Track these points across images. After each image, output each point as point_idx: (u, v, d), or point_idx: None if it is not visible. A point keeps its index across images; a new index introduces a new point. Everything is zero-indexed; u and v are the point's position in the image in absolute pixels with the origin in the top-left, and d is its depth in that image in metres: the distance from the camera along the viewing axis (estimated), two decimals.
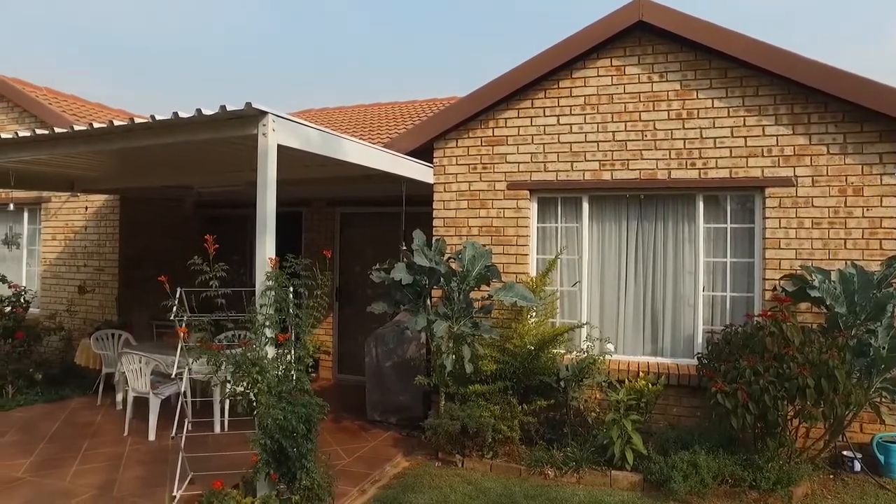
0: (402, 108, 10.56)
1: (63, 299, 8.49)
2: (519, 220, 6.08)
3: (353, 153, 4.58)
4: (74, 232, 8.52)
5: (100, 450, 5.52)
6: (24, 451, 5.50)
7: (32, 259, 9.06)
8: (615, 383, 5.29)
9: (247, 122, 3.57)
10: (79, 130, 4.06)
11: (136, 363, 5.86)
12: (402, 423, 6.26)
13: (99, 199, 8.33)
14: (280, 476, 3.25)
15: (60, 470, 5.01)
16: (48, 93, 9.47)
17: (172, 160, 5.73)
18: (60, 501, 4.38)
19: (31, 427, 6.23)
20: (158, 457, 5.36)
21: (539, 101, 6.04)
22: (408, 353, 6.30)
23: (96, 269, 8.31)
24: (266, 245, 3.46)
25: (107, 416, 6.64)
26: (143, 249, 8.44)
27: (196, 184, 6.91)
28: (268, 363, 3.22)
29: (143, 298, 8.38)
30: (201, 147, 4.58)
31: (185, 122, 3.69)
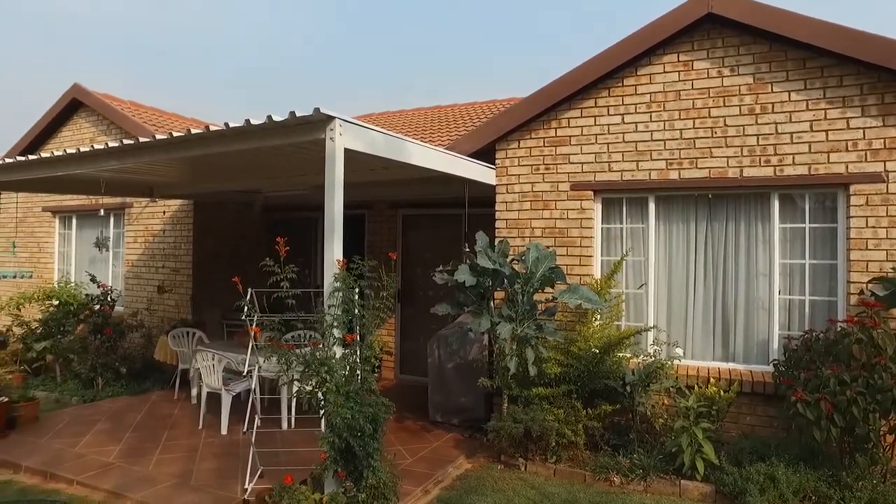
0: (461, 109, 10.59)
1: (143, 298, 9.00)
2: (583, 221, 5.98)
3: (417, 155, 4.63)
4: (153, 235, 9.02)
5: (178, 441, 5.80)
6: (113, 438, 5.86)
7: (117, 260, 9.65)
8: (684, 389, 5.11)
9: (315, 126, 3.67)
10: (160, 139, 4.29)
11: (209, 360, 6.13)
12: (463, 424, 6.27)
13: (175, 204, 8.78)
14: (347, 474, 3.31)
15: (144, 458, 5.32)
16: (132, 106, 10.08)
17: (243, 165, 5.97)
18: (145, 487, 4.65)
19: (119, 417, 6.63)
20: (230, 450, 5.58)
21: (602, 99, 5.91)
22: (470, 355, 6.30)
23: (172, 271, 8.76)
24: (334, 247, 3.55)
25: (183, 409, 6.99)
26: (214, 251, 8.83)
27: (264, 188, 7.17)
28: (335, 363, 3.30)
29: (214, 298, 8.78)
30: (270, 152, 4.76)
31: (257, 128, 3.83)
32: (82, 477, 4.86)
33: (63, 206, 10.22)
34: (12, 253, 10.88)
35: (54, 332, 8.31)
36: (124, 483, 4.75)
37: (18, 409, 6.18)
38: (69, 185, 7.11)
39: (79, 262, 10.23)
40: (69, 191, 8.54)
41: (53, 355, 8.31)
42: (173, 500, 4.42)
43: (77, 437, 5.91)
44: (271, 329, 3.66)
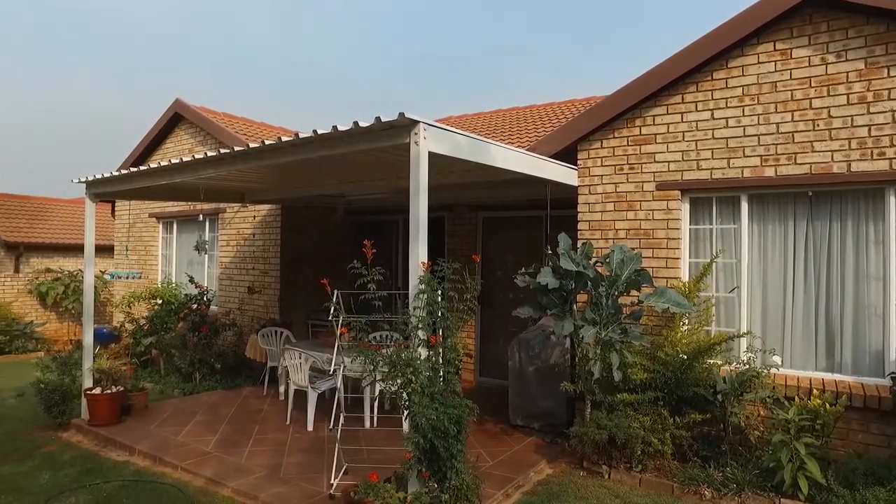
0: (539, 111, 10.48)
1: (235, 299, 9.52)
2: (669, 221, 5.75)
3: (499, 158, 4.62)
4: (244, 238, 9.53)
5: (267, 435, 6.09)
6: (210, 429, 6.23)
7: (212, 263, 10.27)
8: (782, 400, 4.79)
9: (399, 131, 3.74)
10: (253, 148, 4.52)
11: (296, 359, 6.39)
12: (544, 429, 6.19)
13: (264, 209, 9.24)
14: (431, 474, 3.35)
15: (238, 449, 5.62)
16: (225, 117, 10.71)
17: (327, 171, 6.19)
18: (239, 476, 4.91)
19: (215, 409, 7.05)
20: (316, 446, 5.79)
21: (690, 95, 5.67)
22: (551, 359, 6.21)
23: (262, 272, 9.21)
24: (419, 249, 3.60)
25: (272, 404, 7.33)
26: (299, 254, 9.21)
27: (347, 192, 7.40)
28: (420, 364, 3.35)
29: (299, 299, 9.15)
30: (354, 157, 4.90)
31: (343, 134, 3.96)
32: (185, 463, 5.20)
33: (166, 213, 11.01)
34: (125, 256, 11.84)
35: (158, 328, 8.96)
36: (221, 471, 5.04)
37: (132, 397, 6.70)
38: (173, 193, 7.62)
39: (179, 264, 10.98)
40: (173, 198, 9.17)
41: (158, 350, 8.96)
42: (264, 491, 4.63)
43: (180, 426, 6.33)
44: (360, 330, 3.76)
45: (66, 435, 6.30)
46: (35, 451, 5.74)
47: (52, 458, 5.55)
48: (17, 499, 4.59)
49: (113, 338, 10.69)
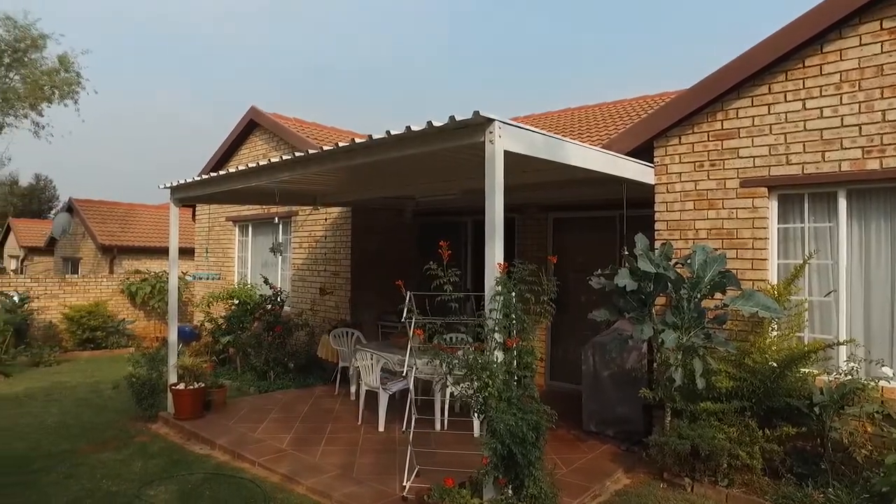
0: (610, 108, 10.17)
1: (307, 299, 9.76)
2: (755, 220, 5.40)
3: (575, 156, 4.48)
4: (316, 241, 9.76)
5: (339, 434, 6.17)
6: (285, 427, 6.39)
7: (285, 264, 10.59)
8: (895, 416, 4.38)
9: (473, 130, 3.68)
10: (327, 150, 4.59)
11: (367, 360, 6.45)
12: (619, 436, 5.96)
13: (335, 211, 9.42)
14: (508, 481, 3.26)
15: (311, 447, 5.72)
16: (296, 122, 11.03)
17: (397, 173, 6.21)
18: (313, 475, 4.99)
19: (289, 407, 7.23)
20: (387, 447, 5.81)
21: (778, 84, 5.30)
22: (628, 363, 5.98)
23: (333, 274, 9.40)
24: (495, 250, 3.52)
25: (343, 404, 7.44)
26: (369, 255, 9.34)
27: (417, 194, 7.43)
28: (496, 367, 3.27)
29: (369, 300, 9.27)
30: (426, 158, 4.87)
31: (416, 134, 3.94)
32: (262, 460, 5.34)
33: (241, 216, 11.44)
34: (205, 258, 12.41)
35: (235, 328, 9.31)
36: (296, 469, 5.14)
37: (212, 394, 6.98)
38: (249, 196, 7.91)
39: (254, 266, 11.38)
40: (249, 201, 9.53)
41: (235, 348, 9.31)
42: (338, 490, 4.68)
43: (256, 423, 6.53)
44: (434, 332, 3.72)
45: (155, 427, 6.63)
46: (129, 441, 6.08)
47: (143, 448, 5.85)
48: (116, 484, 4.87)
49: (194, 336, 11.22)
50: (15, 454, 5.69)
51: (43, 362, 10.65)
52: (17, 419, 7.01)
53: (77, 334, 12.29)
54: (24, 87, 16.78)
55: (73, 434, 6.36)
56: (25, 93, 16.73)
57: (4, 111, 16.83)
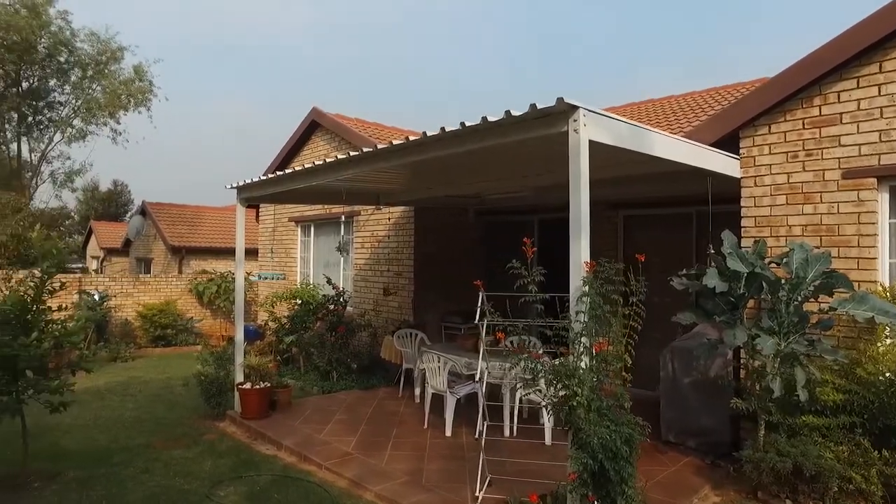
0: (694, 98, 9.62)
1: (370, 300, 9.70)
2: (861, 215, 4.89)
3: (660, 147, 4.14)
4: (378, 241, 9.69)
5: (405, 438, 6.02)
6: (350, 429, 6.30)
7: (347, 264, 10.58)
8: None
9: (555, 119, 3.43)
10: (396, 145, 4.43)
11: (434, 362, 6.27)
12: (702, 448, 5.54)
13: (398, 211, 9.32)
14: (598, 499, 2.99)
15: (378, 452, 5.59)
16: (357, 122, 11.02)
17: (464, 169, 6.01)
18: (381, 481, 4.84)
19: (353, 409, 7.15)
20: (455, 453, 5.61)
21: (890, 62, 4.78)
22: (712, 371, 5.55)
23: (395, 274, 9.30)
24: (581, 247, 3.26)
25: (408, 407, 7.30)
26: (432, 255, 9.18)
27: (484, 191, 7.20)
28: (584, 375, 3.01)
29: (432, 301, 9.11)
30: (499, 152, 4.65)
31: (492, 125, 3.72)
32: (328, 463, 5.24)
33: (304, 217, 11.54)
34: (270, 258, 12.61)
35: (298, 327, 9.35)
36: (362, 474, 5.01)
37: (278, 393, 6.98)
38: (313, 196, 7.91)
39: (316, 266, 11.45)
40: (313, 201, 9.57)
41: (298, 348, 9.35)
42: (407, 498, 4.51)
43: (321, 424, 6.46)
44: (515, 335, 3.48)
45: (223, 425, 6.68)
46: (199, 438, 6.13)
47: (212, 446, 5.87)
48: (188, 482, 4.89)
49: (258, 335, 11.38)
50: (98, 447, 5.84)
51: (120, 358, 11.08)
52: (99, 412, 7.24)
53: (149, 331, 12.75)
54: (104, 97, 17.64)
55: (147, 429, 6.49)
56: (105, 102, 17.58)
57: (87, 120, 17.74)
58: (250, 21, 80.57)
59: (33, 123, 17.35)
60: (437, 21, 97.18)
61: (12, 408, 4.58)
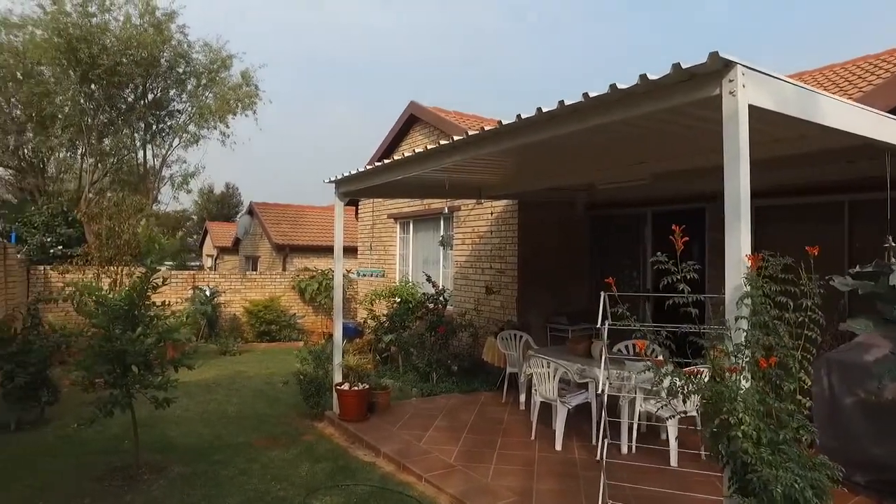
0: (834, 71, 8.31)
1: (471, 299, 9.28)
2: None
3: (831, 113, 3.34)
4: (479, 237, 9.24)
5: (511, 451, 5.51)
6: (452, 437, 5.89)
7: (447, 262, 10.24)
8: None
9: (705, 81, 2.79)
10: (507, 125, 3.94)
11: (543, 367, 5.72)
12: (875, 485, 4.58)
13: (500, 206, 8.83)
14: None
15: (481, 464, 5.12)
16: (456, 115, 10.66)
17: (581, 154, 5.40)
18: (486, 499, 4.40)
19: (453, 414, 6.75)
20: (568, 470, 5.04)
21: None
22: (888, 392, 4.58)
23: (498, 272, 8.81)
24: (740, 239, 2.60)
25: (512, 414, 6.78)
26: (536, 252, 8.60)
27: (597, 180, 6.53)
28: (749, 397, 2.36)
29: (538, 300, 8.54)
30: (621, 130, 4.02)
31: (622, 94, 3.13)
32: (429, 475, 4.85)
33: (402, 213, 11.35)
34: (369, 254, 12.59)
35: (397, 326, 9.13)
36: (467, 490, 4.56)
37: (376, 395, 6.72)
38: (412, 189, 7.61)
39: (415, 263, 11.22)
40: (412, 194, 9.31)
41: (397, 347, 9.13)
42: None
43: (421, 430, 6.11)
44: (660, 345, 2.88)
45: (321, 426, 6.52)
46: (297, 439, 5.98)
47: (310, 448, 5.69)
48: (284, 488, 4.69)
49: (357, 333, 11.34)
50: (201, 442, 5.85)
51: (228, 352, 11.45)
52: (205, 406, 7.36)
53: (255, 327, 13.15)
54: (214, 102, 18.61)
55: (248, 425, 6.45)
56: (215, 108, 18.54)
57: (200, 125, 18.82)
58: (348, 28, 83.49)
59: (156, 131, 18.61)
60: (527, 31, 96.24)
61: (122, 402, 4.58)
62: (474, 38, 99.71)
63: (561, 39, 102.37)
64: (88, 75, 16.12)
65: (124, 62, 16.47)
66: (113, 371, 4.53)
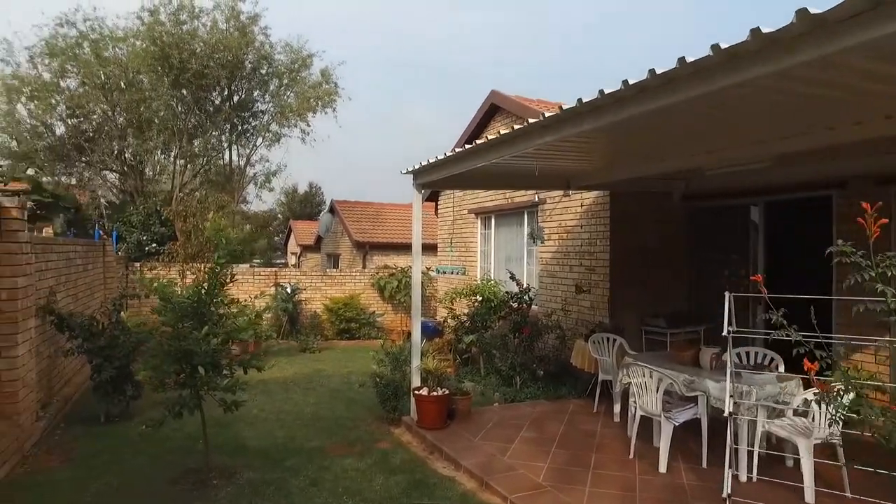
0: None
1: (558, 298, 8.62)
2: None
3: None
4: (567, 231, 8.57)
5: (607, 471, 4.87)
6: (539, 451, 5.32)
7: (531, 258, 9.62)
8: None
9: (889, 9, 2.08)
10: (610, 94, 3.31)
11: (644, 377, 5.03)
12: None
13: (590, 197, 8.12)
14: None
15: (574, 486, 4.53)
16: (539, 103, 10.01)
17: (689, 131, 4.66)
18: None
19: (540, 425, 6.16)
20: (676, 496, 4.36)
21: None
22: None
23: (587, 269, 8.10)
24: None
25: (605, 426, 6.11)
26: (629, 248, 7.82)
27: (705, 165, 5.71)
28: None
29: (632, 300, 7.77)
30: (752, 94, 3.30)
31: (765, 42, 2.45)
32: (516, 497, 4.31)
33: (484, 208, 10.84)
34: (449, 250, 12.19)
35: (478, 326, 8.65)
36: None
37: (456, 401, 6.26)
38: (494, 179, 7.11)
39: (497, 260, 10.68)
40: (494, 185, 8.80)
41: (478, 348, 8.63)
42: None
43: (505, 442, 5.58)
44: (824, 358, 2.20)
45: (398, 432, 6.14)
46: (372, 446, 5.62)
47: (385, 458, 5.30)
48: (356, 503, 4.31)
49: (437, 332, 10.94)
50: (274, 445, 5.61)
51: (308, 349, 11.41)
52: (282, 405, 7.19)
53: (335, 324, 13.09)
54: (295, 101, 18.91)
55: (323, 428, 6.18)
56: (296, 106, 18.83)
57: (281, 124, 19.18)
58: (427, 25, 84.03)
59: (241, 132, 19.15)
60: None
61: (190, 404, 4.36)
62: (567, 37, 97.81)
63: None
64: (179, 80, 16.80)
65: (211, 65, 17.03)
66: (182, 371, 4.32)
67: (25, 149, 17.05)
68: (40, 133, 17.37)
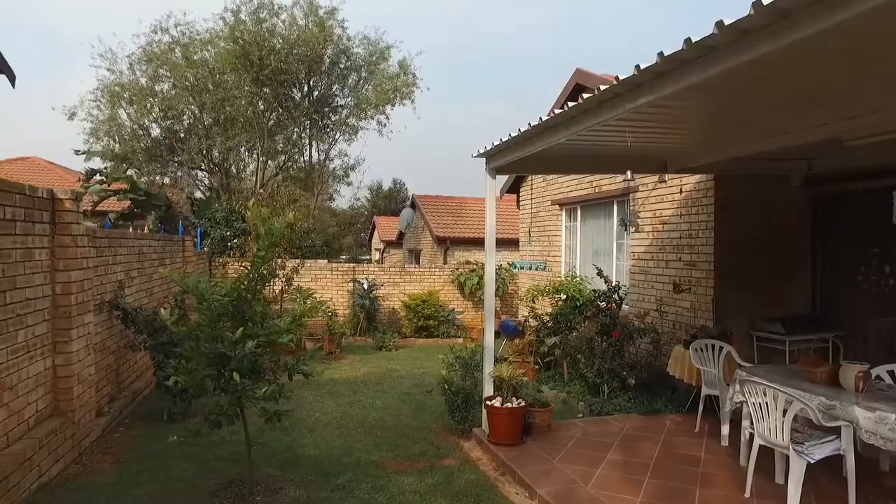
0: None
1: (651, 297, 7.61)
2: None
3: None
4: (662, 222, 7.54)
5: None
6: (630, 479, 4.49)
7: (621, 253, 8.64)
8: None
9: None
10: (730, 25, 2.47)
11: (765, 397, 4.05)
12: None
13: (690, 183, 7.06)
14: None
15: None
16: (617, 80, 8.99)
17: (826, 82, 3.65)
18: None
19: (631, 445, 5.30)
20: None
21: None
22: None
23: (687, 265, 7.05)
24: None
25: (711, 453, 5.13)
26: (738, 241, 6.68)
27: (845, 133, 4.57)
28: None
29: (740, 302, 6.64)
30: None
31: None
32: None
33: (569, 199, 9.95)
34: (528, 242, 11.39)
35: (562, 327, 7.85)
36: None
37: (534, 414, 5.54)
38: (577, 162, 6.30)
39: (583, 255, 9.76)
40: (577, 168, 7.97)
41: (561, 351, 7.83)
42: None
43: (588, 465, 4.77)
44: None
45: (467, 446, 5.49)
46: (436, 462, 5.02)
47: (449, 478, 4.67)
48: None
49: (517, 332, 10.16)
50: (329, 457, 5.13)
51: (385, 347, 11.04)
52: (347, 409, 6.76)
53: (413, 321, 12.64)
54: (373, 94, 18.68)
55: (386, 438, 5.65)
56: (374, 99, 18.59)
57: (359, 117, 19.02)
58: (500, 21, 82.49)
59: (321, 127, 19.20)
60: None
61: (230, 412, 3.94)
62: None
63: None
64: (259, 77, 17.02)
65: (290, 61, 17.12)
66: (220, 375, 3.89)
67: (125, 150, 17.95)
68: (138, 135, 18.24)
